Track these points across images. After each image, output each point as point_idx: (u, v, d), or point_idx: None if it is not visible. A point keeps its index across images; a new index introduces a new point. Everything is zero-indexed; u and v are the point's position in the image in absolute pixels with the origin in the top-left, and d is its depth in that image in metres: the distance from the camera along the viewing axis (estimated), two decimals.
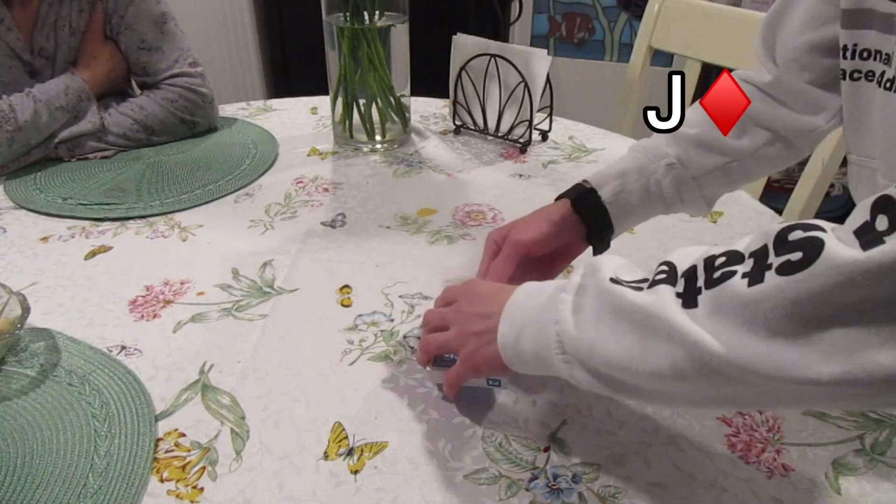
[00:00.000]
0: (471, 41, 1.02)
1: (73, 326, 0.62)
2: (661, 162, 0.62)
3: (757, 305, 0.32)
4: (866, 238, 0.29)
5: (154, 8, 1.00)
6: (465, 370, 0.51)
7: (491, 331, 0.47)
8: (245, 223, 0.81)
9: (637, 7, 2.10)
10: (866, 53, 0.50)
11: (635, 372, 0.38)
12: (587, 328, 0.41)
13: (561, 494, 0.46)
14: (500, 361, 0.47)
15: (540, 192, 0.89)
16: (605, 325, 0.40)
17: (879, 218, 0.29)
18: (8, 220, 0.81)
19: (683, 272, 0.38)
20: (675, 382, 0.36)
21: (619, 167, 0.63)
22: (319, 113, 1.17)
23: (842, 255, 0.29)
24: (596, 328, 0.40)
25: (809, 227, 0.32)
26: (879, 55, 0.50)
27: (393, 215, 0.83)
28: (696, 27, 1.14)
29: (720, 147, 0.62)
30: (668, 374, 0.36)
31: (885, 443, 0.51)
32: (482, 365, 0.50)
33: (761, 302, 0.32)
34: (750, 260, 0.34)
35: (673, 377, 0.36)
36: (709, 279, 0.35)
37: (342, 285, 0.69)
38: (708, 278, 0.36)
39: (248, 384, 0.56)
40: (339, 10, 0.93)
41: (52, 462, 0.48)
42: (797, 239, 0.32)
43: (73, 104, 0.92)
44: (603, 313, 0.40)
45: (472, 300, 0.52)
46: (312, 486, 0.47)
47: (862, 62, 0.51)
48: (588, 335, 0.40)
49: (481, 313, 0.50)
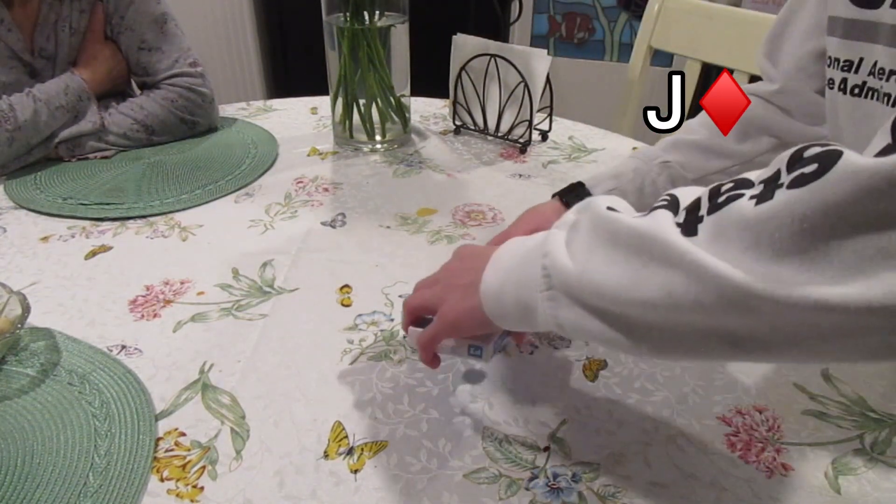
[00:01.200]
0: (471, 41, 1.02)
1: (73, 326, 0.62)
2: (655, 162, 0.62)
3: (763, 225, 0.29)
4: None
5: (154, 8, 1.00)
6: (442, 326, 0.47)
7: (474, 283, 0.44)
8: (245, 223, 0.81)
9: (637, 7, 2.10)
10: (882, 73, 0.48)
11: (627, 301, 0.35)
12: (579, 257, 0.38)
13: (561, 494, 0.46)
14: (480, 314, 0.43)
15: (540, 192, 0.89)
16: (598, 253, 0.37)
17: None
18: (8, 220, 0.81)
19: (687, 205, 0.35)
20: (669, 313, 0.33)
21: (614, 170, 0.63)
22: (319, 113, 1.17)
23: (860, 162, 0.26)
24: (588, 257, 0.37)
25: (829, 144, 0.29)
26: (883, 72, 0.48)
27: (393, 215, 0.83)
28: (696, 27, 1.14)
29: (721, 150, 0.62)
30: (662, 303, 0.33)
31: (884, 442, 0.51)
32: (461, 318, 0.45)
33: (768, 220, 0.29)
34: (760, 185, 0.31)
35: (668, 306, 0.33)
36: (712, 206, 0.32)
37: (342, 285, 0.69)
38: (712, 205, 0.33)
39: (248, 384, 0.56)
40: (339, 10, 0.93)
41: (52, 461, 0.48)
42: (813, 154, 0.29)
43: (72, 104, 0.92)
44: (597, 241, 0.37)
45: (460, 259, 0.50)
46: (312, 485, 0.47)
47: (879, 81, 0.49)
48: (579, 264, 0.37)
49: (468, 267, 0.47)
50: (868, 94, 0.50)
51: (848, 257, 0.27)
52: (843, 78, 0.51)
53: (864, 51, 0.49)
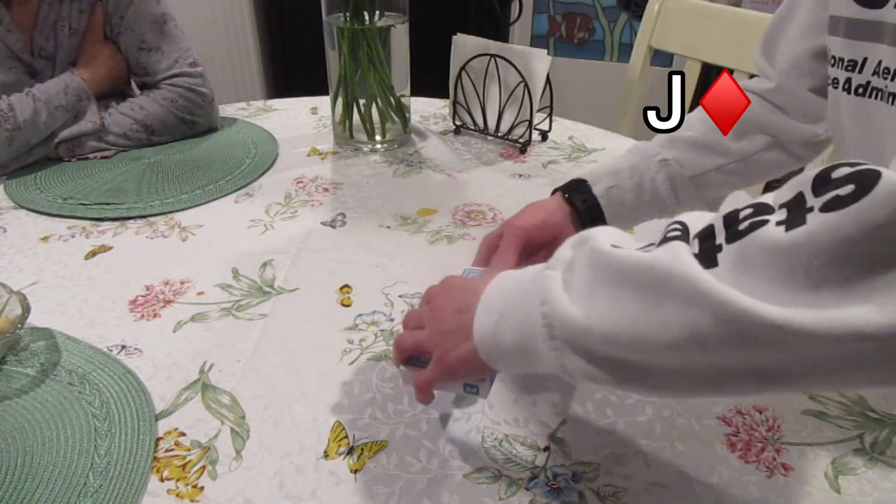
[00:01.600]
0: (471, 41, 1.02)
1: (73, 326, 0.62)
2: (653, 159, 0.62)
3: (797, 251, 0.27)
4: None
5: (154, 8, 1.00)
6: (438, 373, 0.45)
7: (466, 326, 0.42)
8: (245, 223, 0.81)
9: (637, 7, 2.10)
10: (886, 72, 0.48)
11: (644, 345, 0.32)
12: (581, 303, 0.35)
13: (561, 494, 0.46)
14: (476, 359, 0.42)
15: (540, 192, 0.89)
16: (603, 294, 0.34)
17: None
18: (8, 220, 0.81)
19: (697, 233, 0.32)
20: (695, 354, 0.30)
21: (612, 166, 0.63)
22: (319, 113, 1.17)
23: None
24: (592, 301, 0.34)
25: (858, 163, 0.27)
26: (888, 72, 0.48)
27: (393, 215, 0.83)
28: (696, 27, 1.14)
29: (717, 148, 0.62)
30: (686, 345, 0.30)
31: (884, 442, 0.51)
32: (457, 365, 0.44)
33: (803, 246, 0.27)
34: (782, 210, 0.29)
35: (693, 348, 0.30)
36: (731, 234, 0.30)
37: (342, 285, 0.69)
38: (730, 233, 0.30)
39: (248, 384, 0.56)
40: (339, 10, 0.93)
41: (52, 461, 0.48)
42: (844, 174, 0.27)
43: (72, 104, 0.92)
44: (600, 282, 0.34)
45: (448, 295, 0.47)
46: (312, 485, 0.47)
47: (883, 80, 0.49)
48: (582, 310, 0.34)
49: (456, 308, 0.44)
50: (872, 94, 0.49)
51: (893, 281, 0.25)
52: (847, 77, 0.51)
53: (867, 50, 0.49)
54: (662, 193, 0.62)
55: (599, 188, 0.61)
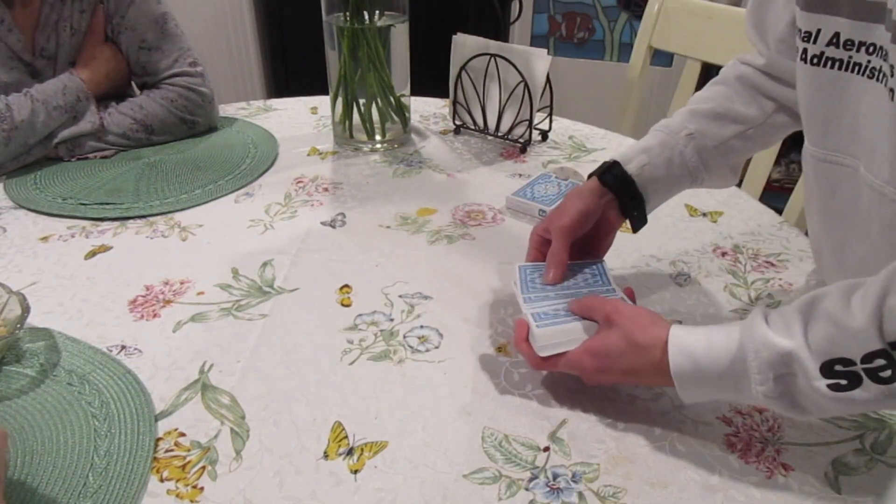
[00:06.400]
0: (471, 41, 1.02)
1: (72, 326, 0.62)
2: (679, 134, 0.65)
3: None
4: None
5: (154, 8, 1.00)
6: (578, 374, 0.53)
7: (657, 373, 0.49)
8: (245, 223, 0.81)
9: (637, 7, 2.10)
10: (850, 44, 0.50)
11: None
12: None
13: (561, 494, 0.46)
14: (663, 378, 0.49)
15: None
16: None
17: None
18: (8, 220, 0.81)
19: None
20: None
21: (641, 144, 0.65)
22: (319, 113, 1.17)
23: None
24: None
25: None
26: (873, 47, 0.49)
27: (393, 215, 0.83)
28: (696, 27, 1.14)
29: (734, 116, 0.65)
30: None
31: (885, 443, 0.51)
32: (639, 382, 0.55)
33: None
34: None
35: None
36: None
37: (342, 285, 0.69)
38: None
39: (248, 384, 0.56)
40: (339, 10, 0.93)
41: (52, 461, 0.48)
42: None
43: (71, 104, 0.92)
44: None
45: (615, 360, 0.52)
46: (312, 485, 0.47)
47: (846, 52, 0.51)
48: None
49: (623, 369, 0.51)
50: (826, 64, 0.52)
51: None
52: (804, 48, 0.53)
53: (822, 22, 0.51)
54: (692, 165, 0.64)
55: (633, 167, 0.63)
